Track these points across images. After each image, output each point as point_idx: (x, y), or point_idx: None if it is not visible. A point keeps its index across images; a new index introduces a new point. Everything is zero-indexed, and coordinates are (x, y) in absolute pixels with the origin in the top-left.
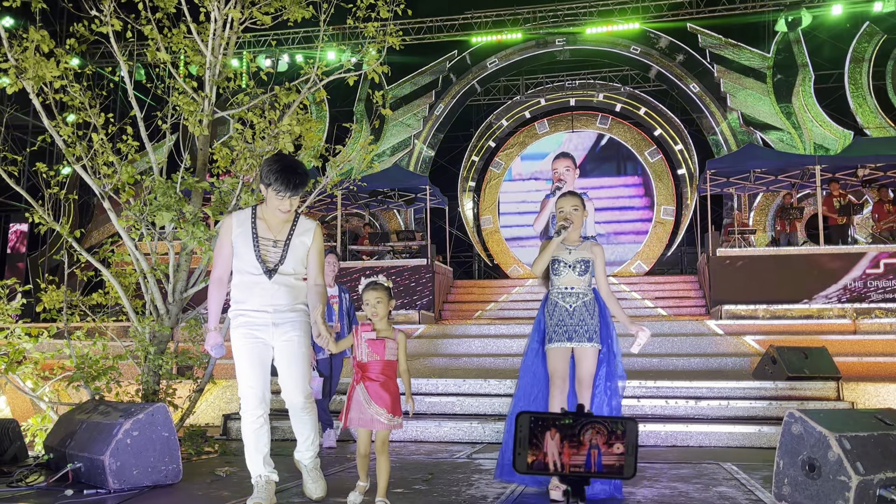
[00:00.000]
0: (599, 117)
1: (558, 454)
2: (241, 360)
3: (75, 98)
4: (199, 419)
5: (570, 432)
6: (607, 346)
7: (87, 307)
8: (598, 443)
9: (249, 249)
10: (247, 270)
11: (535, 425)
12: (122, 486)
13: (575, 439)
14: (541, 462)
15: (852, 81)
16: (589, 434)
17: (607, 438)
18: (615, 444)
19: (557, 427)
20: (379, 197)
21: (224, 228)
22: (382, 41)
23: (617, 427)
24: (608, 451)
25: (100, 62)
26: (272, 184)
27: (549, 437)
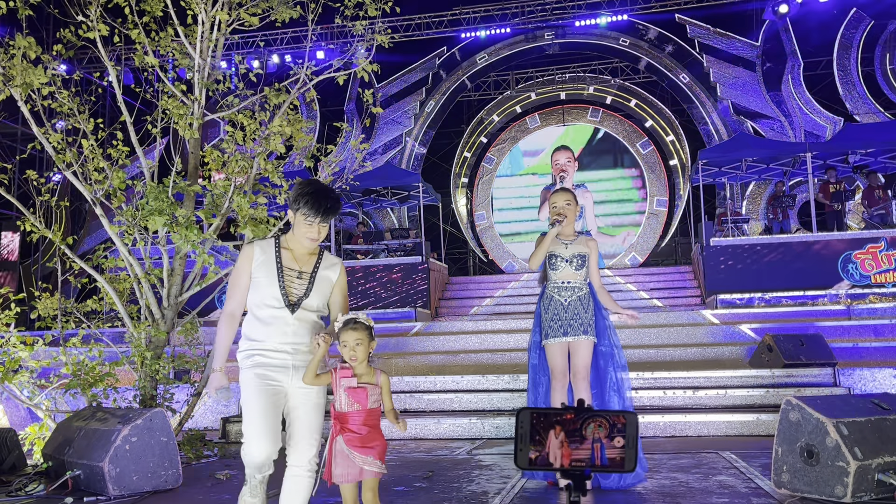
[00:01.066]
0: (591, 110)
1: (560, 449)
2: (252, 407)
3: (64, 104)
4: (197, 423)
5: (571, 427)
6: (609, 339)
7: (81, 314)
8: (599, 436)
9: (273, 280)
10: (266, 304)
11: (535, 421)
12: (122, 493)
13: (576, 434)
14: (543, 458)
15: (841, 68)
16: (590, 428)
17: (608, 432)
18: (616, 437)
19: (558, 422)
20: (372, 195)
21: (244, 257)
22: (371, 39)
23: (617, 420)
24: (610, 445)
25: (87, 67)
26: (301, 208)
27: (550, 432)
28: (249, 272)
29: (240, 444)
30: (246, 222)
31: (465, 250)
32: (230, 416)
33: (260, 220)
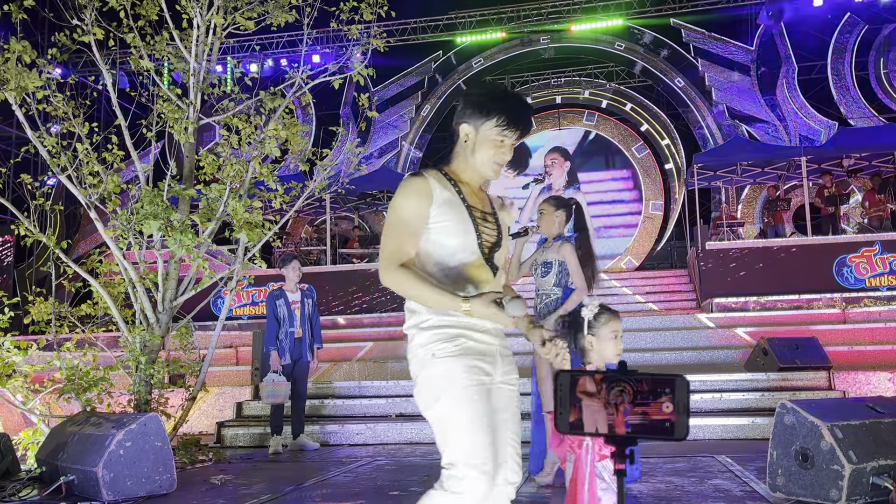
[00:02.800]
0: (586, 114)
1: (602, 413)
2: (471, 417)
3: (59, 108)
4: (192, 427)
5: (613, 390)
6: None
7: (76, 318)
8: (644, 401)
9: (468, 226)
10: (461, 260)
11: (575, 384)
12: (117, 498)
13: (619, 397)
14: (583, 421)
15: (835, 72)
16: (634, 392)
17: (654, 397)
18: (664, 402)
19: (599, 385)
20: (368, 199)
21: (415, 193)
22: (367, 43)
23: (664, 385)
24: (656, 411)
25: (82, 71)
26: (494, 118)
27: (590, 395)
28: (427, 214)
29: (235, 447)
30: (241, 226)
31: None
32: (225, 421)
33: (255, 224)
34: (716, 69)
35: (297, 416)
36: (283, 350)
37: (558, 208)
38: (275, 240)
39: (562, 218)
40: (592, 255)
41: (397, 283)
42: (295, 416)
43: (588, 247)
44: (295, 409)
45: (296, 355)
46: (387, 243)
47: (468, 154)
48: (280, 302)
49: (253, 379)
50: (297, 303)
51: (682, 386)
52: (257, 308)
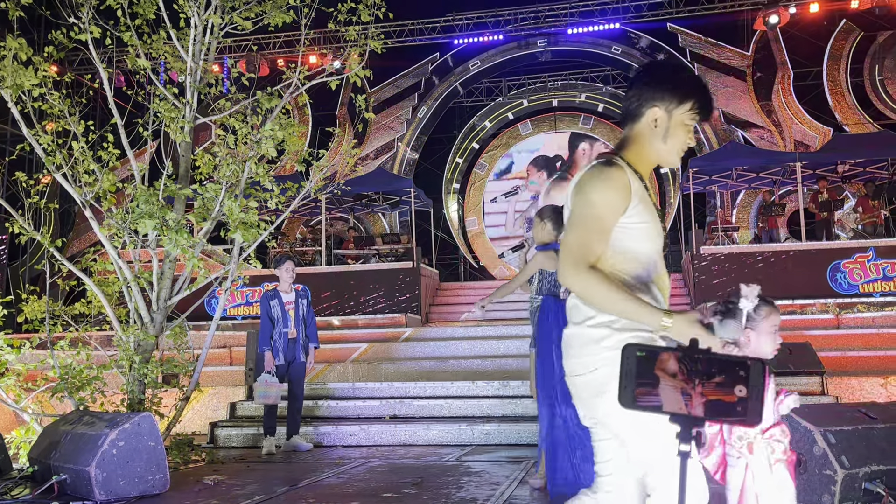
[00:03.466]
0: (582, 117)
1: (669, 391)
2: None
3: (54, 106)
4: (185, 428)
5: (683, 368)
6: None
7: (69, 317)
8: (715, 382)
9: (657, 223)
10: (648, 265)
11: (642, 358)
12: (109, 497)
13: (688, 376)
14: (648, 398)
15: (830, 78)
16: (705, 372)
17: (727, 379)
18: (736, 385)
19: (668, 361)
20: (363, 200)
21: (615, 187)
22: (364, 45)
23: (738, 367)
24: (727, 393)
25: (79, 69)
26: (688, 102)
27: (658, 371)
28: (622, 212)
29: (228, 448)
30: (236, 226)
31: (456, 256)
32: (218, 421)
33: (251, 224)
34: (711, 74)
35: (292, 417)
36: (276, 351)
37: (542, 218)
38: (270, 240)
39: (548, 227)
40: None
41: (586, 286)
42: (290, 416)
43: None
44: (290, 409)
45: (290, 356)
46: (573, 239)
47: (656, 140)
48: (274, 302)
49: (247, 379)
50: (292, 303)
51: (757, 370)
52: (252, 308)
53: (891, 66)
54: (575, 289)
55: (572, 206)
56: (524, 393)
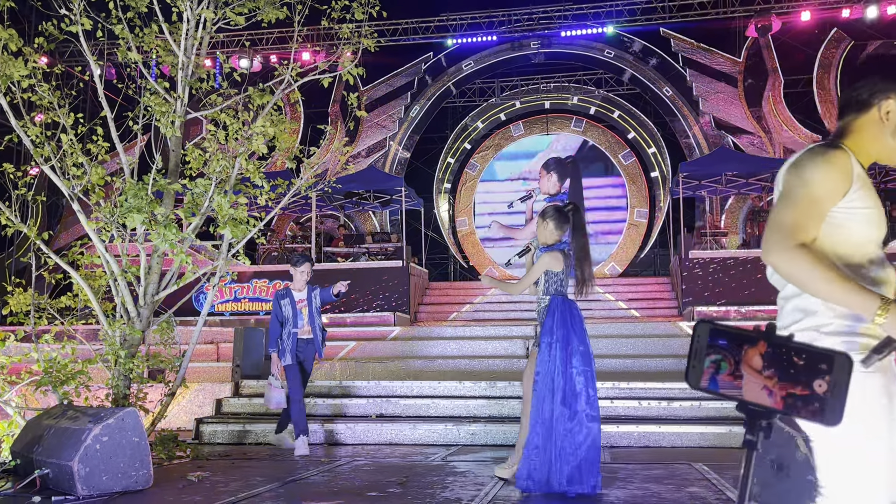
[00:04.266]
0: (574, 120)
1: (741, 377)
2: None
3: (44, 98)
4: (170, 423)
5: (757, 355)
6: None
7: (55, 310)
8: (794, 374)
9: (880, 210)
10: (868, 255)
11: (714, 338)
12: (91, 493)
13: (764, 365)
14: (717, 382)
15: (820, 87)
16: (785, 361)
17: (808, 372)
18: (816, 380)
19: (742, 346)
20: (354, 198)
21: (837, 168)
22: (357, 43)
23: (822, 360)
24: (806, 388)
25: (69, 61)
26: None
27: (732, 355)
28: (839, 197)
29: (213, 444)
30: (226, 222)
31: (446, 256)
32: (203, 417)
33: (240, 220)
34: (703, 79)
35: (285, 414)
36: (283, 352)
37: (544, 219)
38: (259, 237)
39: (550, 227)
40: (583, 258)
41: (793, 264)
42: (284, 413)
43: (579, 249)
44: (288, 405)
45: (302, 356)
46: (784, 216)
47: (884, 134)
48: (285, 302)
49: (233, 376)
50: (304, 301)
51: (842, 365)
52: (240, 304)
53: None
54: (780, 267)
55: (784, 185)
56: (511, 394)
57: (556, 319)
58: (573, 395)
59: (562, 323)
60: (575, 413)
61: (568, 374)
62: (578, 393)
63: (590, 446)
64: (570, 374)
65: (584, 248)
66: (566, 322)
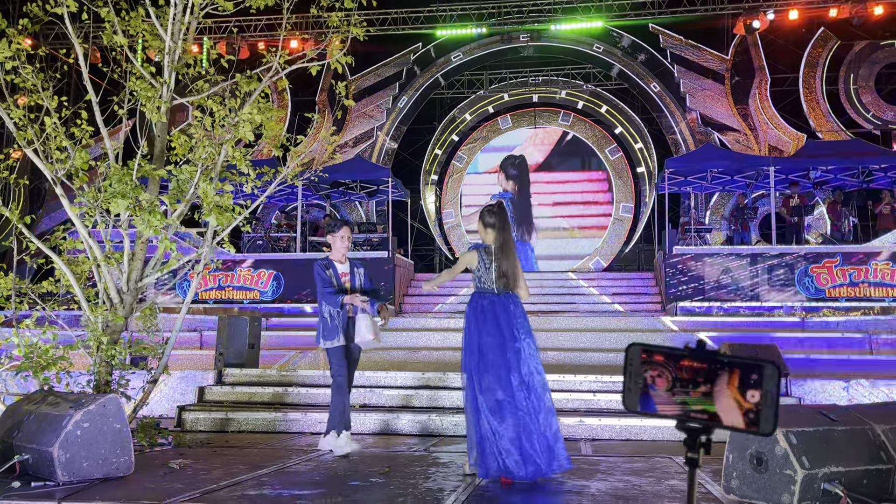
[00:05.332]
0: (562, 114)
1: (674, 395)
2: None
3: (27, 80)
4: (153, 411)
5: (689, 371)
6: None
7: (36, 295)
8: (726, 387)
9: None
10: None
11: (646, 359)
12: (72, 479)
13: (696, 380)
14: (653, 402)
15: (806, 85)
16: (715, 376)
17: (738, 383)
18: (748, 391)
19: (672, 363)
20: (340, 188)
21: None
22: (346, 31)
23: (752, 371)
24: (739, 399)
25: (53, 43)
26: None
27: (663, 374)
28: None
29: (195, 432)
30: (211, 209)
31: (432, 248)
32: (186, 405)
33: (225, 208)
34: (691, 76)
35: (348, 408)
36: (335, 330)
37: (479, 220)
38: (244, 225)
39: (479, 227)
40: (501, 256)
41: None
42: (348, 407)
43: (498, 248)
44: (347, 399)
45: (348, 337)
46: None
47: None
48: (330, 272)
49: (216, 364)
50: (347, 274)
51: (771, 374)
52: (224, 293)
53: (865, 75)
54: None
55: None
56: None
57: (467, 314)
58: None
59: (471, 318)
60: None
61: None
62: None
63: (482, 436)
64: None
65: (503, 247)
66: (474, 317)
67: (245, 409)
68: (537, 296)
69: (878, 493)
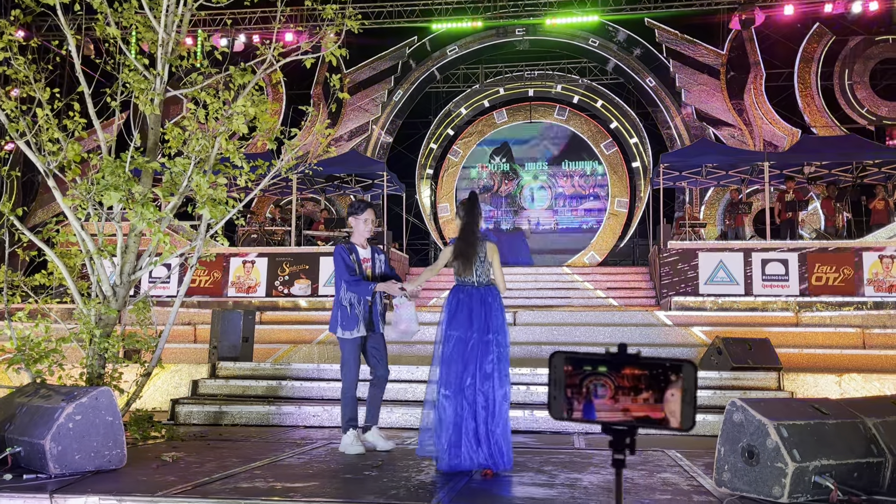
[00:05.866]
0: (557, 108)
1: (600, 400)
2: None
3: (19, 71)
4: (145, 403)
5: (612, 376)
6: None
7: (29, 288)
8: (647, 388)
9: None
10: None
11: (571, 367)
12: (64, 472)
13: (618, 383)
14: (578, 408)
15: (801, 81)
16: (635, 378)
17: (658, 384)
18: (668, 390)
19: (597, 369)
20: (335, 182)
21: None
22: (341, 24)
23: (671, 371)
24: (660, 399)
25: (46, 35)
26: None
27: (587, 380)
28: None
29: (189, 425)
30: (204, 202)
31: (427, 242)
32: (179, 398)
33: (219, 201)
34: (686, 71)
35: (377, 404)
36: (354, 319)
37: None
38: (238, 218)
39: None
40: (460, 239)
41: None
42: (370, 403)
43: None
44: (371, 395)
45: (369, 326)
46: None
47: None
48: (352, 257)
49: (210, 357)
50: (368, 260)
51: (689, 373)
52: (218, 286)
53: (860, 70)
54: None
55: None
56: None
57: (443, 305)
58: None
59: (445, 310)
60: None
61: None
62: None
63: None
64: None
65: (462, 231)
66: (448, 309)
67: (239, 403)
68: (532, 290)
69: (869, 486)
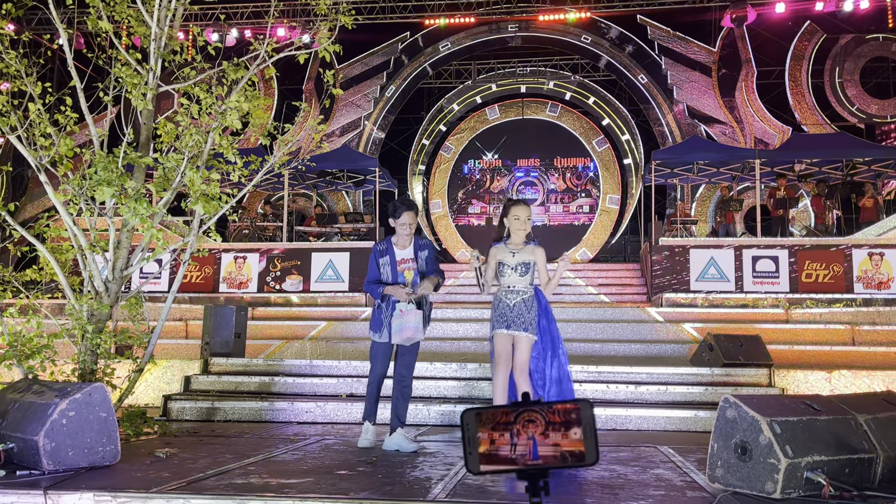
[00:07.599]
0: (549, 105)
1: (512, 448)
2: None
3: (10, 65)
4: (138, 399)
5: (519, 422)
6: (550, 335)
7: (20, 283)
8: (553, 430)
9: None
10: None
11: (482, 420)
12: (57, 468)
13: (526, 429)
14: (496, 458)
15: (792, 79)
16: (541, 421)
17: (562, 424)
18: (572, 428)
19: (506, 418)
20: (327, 177)
21: None
22: (334, 19)
23: (570, 411)
24: (566, 438)
25: (37, 29)
26: None
27: (499, 430)
28: None
29: (181, 421)
30: (197, 198)
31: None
32: (172, 394)
33: (212, 197)
34: (678, 68)
35: (395, 405)
36: (379, 323)
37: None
38: (231, 213)
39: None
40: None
41: None
42: (394, 403)
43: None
44: (392, 400)
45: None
46: None
47: None
48: (384, 260)
49: (202, 353)
50: (408, 260)
51: (587, 410)
52: (210, 282)
53: (850, 68)
54: None
55: None
56: (481, 375)
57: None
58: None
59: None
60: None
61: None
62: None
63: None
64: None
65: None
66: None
67: (231, 399)
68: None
69: (860, 481)
